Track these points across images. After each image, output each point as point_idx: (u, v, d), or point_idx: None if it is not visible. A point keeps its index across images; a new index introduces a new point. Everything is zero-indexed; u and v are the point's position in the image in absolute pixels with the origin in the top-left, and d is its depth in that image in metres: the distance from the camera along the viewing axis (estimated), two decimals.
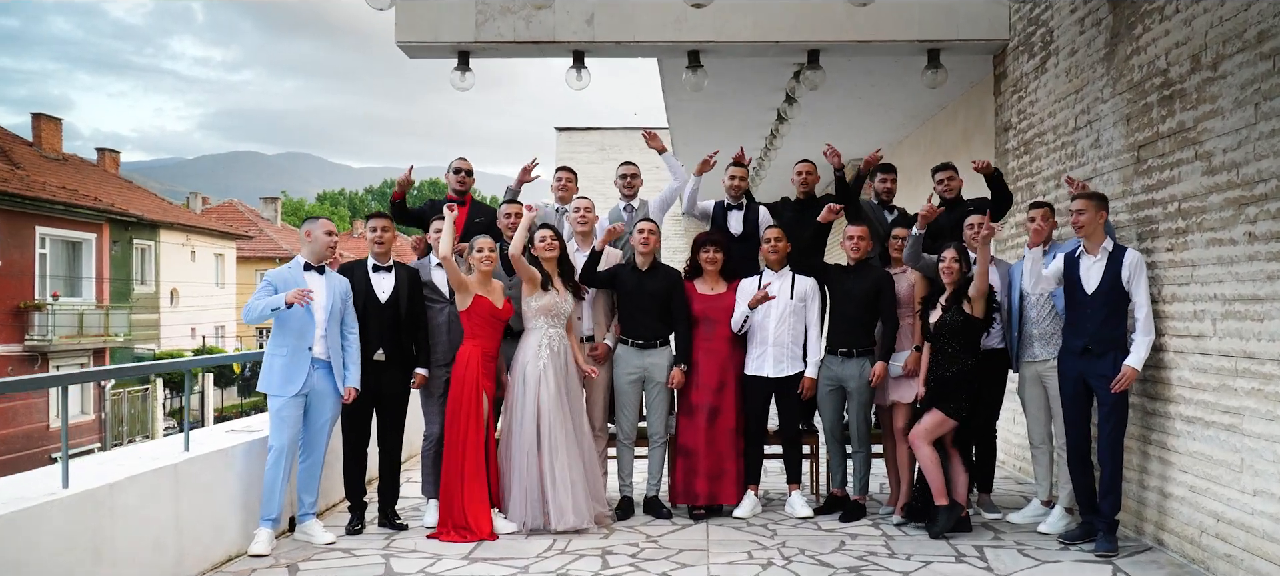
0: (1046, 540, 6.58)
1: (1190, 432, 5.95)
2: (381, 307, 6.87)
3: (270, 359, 6.50)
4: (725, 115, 12.88)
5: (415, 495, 7.76)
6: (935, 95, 11.54)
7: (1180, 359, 6.06)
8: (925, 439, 6.66)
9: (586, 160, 23.71)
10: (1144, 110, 6.50)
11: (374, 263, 6.95)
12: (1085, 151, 7.37)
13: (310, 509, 6.72)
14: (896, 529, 6.91)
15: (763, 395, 7.29)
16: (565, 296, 6.95)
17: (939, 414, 6.63)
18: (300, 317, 6.45)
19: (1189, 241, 5.95)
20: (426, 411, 7.20)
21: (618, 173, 8.07)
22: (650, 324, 7.24)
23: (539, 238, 6.97)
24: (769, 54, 9.55)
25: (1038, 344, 6.79)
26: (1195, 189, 5.89)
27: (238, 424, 7.63)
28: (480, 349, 6.76)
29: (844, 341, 7.17)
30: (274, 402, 6.44)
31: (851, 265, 7.24)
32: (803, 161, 7.91)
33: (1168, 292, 6.18)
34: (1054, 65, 8.01)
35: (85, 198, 31.97)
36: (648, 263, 7.30)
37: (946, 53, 9.34)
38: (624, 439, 7.39)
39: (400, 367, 6.96)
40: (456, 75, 9.49)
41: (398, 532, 6.95)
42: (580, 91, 9.55)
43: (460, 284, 6.74)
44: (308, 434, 6.61)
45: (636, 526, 7.06)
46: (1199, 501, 5.86)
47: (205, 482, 6.10)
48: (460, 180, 7.89)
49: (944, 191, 7.67)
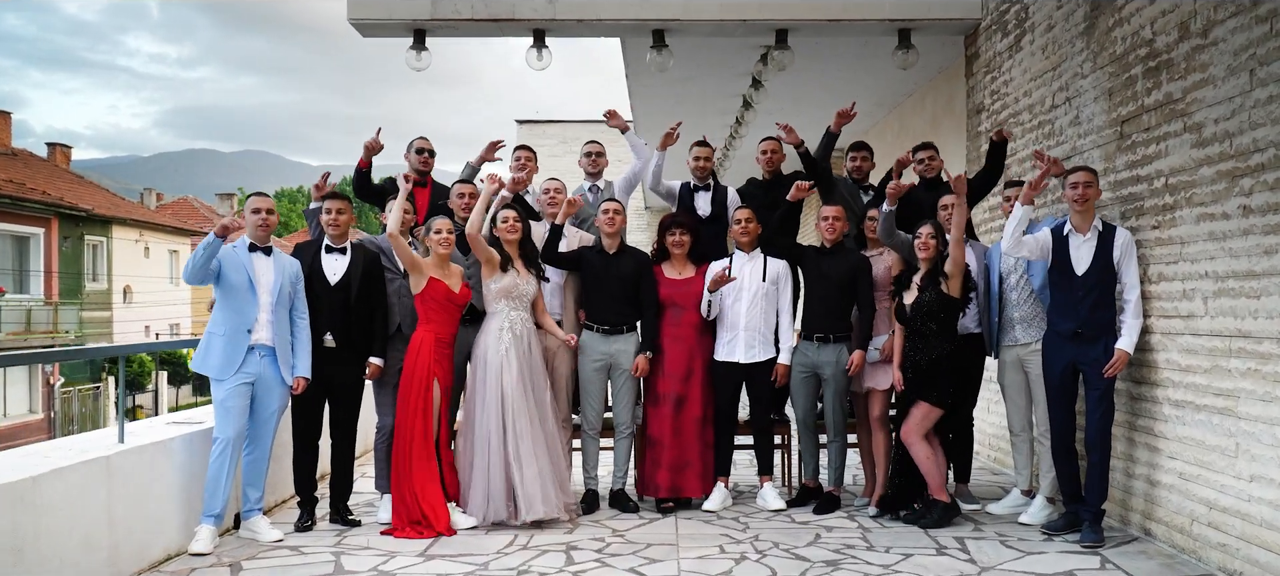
0: (1029, 531, 6.33)
1: (1179, 417, 5.71)
2: (331, 290, 6.50)
3: (210, 337, 6.14)
4: (691, 101, 12.58)
5: (370, 490, 7.38)
6: (903, 81, 11.33)
7: (1168, 340, 5.82)
8: (918, 434, 6.38)
9: (548, 153, 23.33)
10: (1127, 83, 6.26)
11: (327, 243, 6.58)
12: (1064, 129, 7.14)
13: (256, 504, 6.34)
14: (873, 521, 6.63)
15: (733, 382, 6.99)
16: (527, 277, 6.63)
17: (925, 405, 6.36)
18: (243, 295, 6.08)
19: (1177, 217, 5.71)
20: (379, 402, 6.84)
21: (582, 151, 7.75)
22: (616, 308, 6.93)
23: (501, 218, 6.63)
24: (736, 33, 9.26)
25: (1019, 327, 6.54)
26: (1184, 162, 5.65)
27: (181, 415, 7.23)
28: (433, 335, 6.42)
29: (819, 326, 6.87)
30: (218, 391, 6.07)
31: (827, 247, 6.95)
32: (767, 140, 7.59)
33: (1154, 272, 5.94)
34: (1030, 42, 7.77)
35: (32, 191, 31.24)
36: (614, 244, 6.98)
37: (917, 33, 9.08)
38: (589, 429, 7.07)
39: (354, 355, 6.60)
40: (412, 55, 9.11)
41: (350, 529, 6.59)
42: (541, 71, 9.18)
43: (412, 264, 6.40)
44: (253, 425, 6.23)
45: (602, 520, 6.75)
46: (1190, 488, 5.62)
47: (142, 476, 5.71)
48: (423, 160, 7.52)
49: (924, 171, 7.38)
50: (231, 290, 6.11)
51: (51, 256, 32.45)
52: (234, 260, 6.16)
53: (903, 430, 6.44)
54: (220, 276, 6.12)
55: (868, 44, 9.77)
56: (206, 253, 5.97)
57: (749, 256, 6.98)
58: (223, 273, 6.12)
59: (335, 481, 6.75)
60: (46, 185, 33.89)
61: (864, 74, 11.09)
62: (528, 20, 8.89)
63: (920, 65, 9.76)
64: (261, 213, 6.31)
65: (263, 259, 6.26)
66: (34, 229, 31.47)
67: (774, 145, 7.51)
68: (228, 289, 6.12)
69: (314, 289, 6.46)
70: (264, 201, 6.38)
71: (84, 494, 5.19)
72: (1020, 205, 6.14)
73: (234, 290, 6.11)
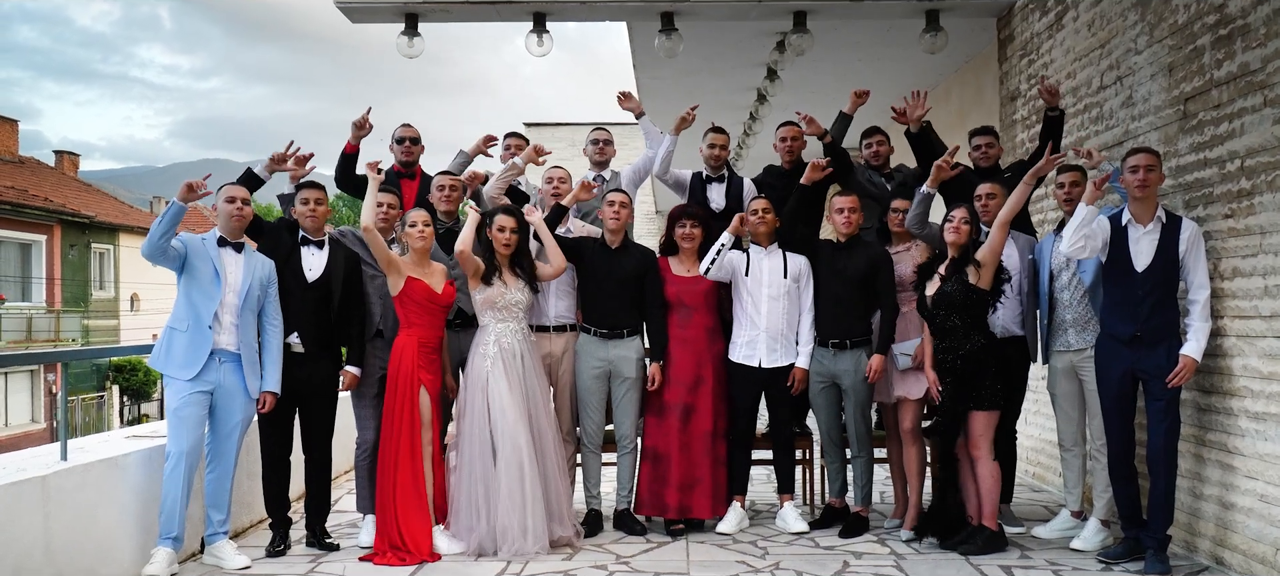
0: (1083, 558, 5.63)
1: (1259, 432, 5.02)
2: (307, 289, 5.86)
3: (170, 332, 5.53)
4: (702, 93, 11.88)
5: (353, 509, 6.72)
6: (927, 73, 10.66)
7: (1245, 344, 5.13)
8: (987, 447, 5.70)
9: (557, 157, 22.63)
10: (1192, 56, 5.59)
11: (303, 235, 5.95)
12: (1115, 112, 6.46)
13: (220, 528, 5.69)
14: (907, 546, 5.95)
15: (751, 389, 6.32)
16: (515, 287, 5.97)
17: (981, 414, 5.68)
18: (208, 291, 5.48)
19: (1257, 204, 5.03)
20: (359, 415, 6.21)
21: (588, 139, 7.13)
22: (618, 311, 6.27)
23: (498, 226, 5.98)
24: (751, 16, 8.62)
25: (1072, 330, 5.84)
26: (1264, 141, 4.97)
27: (143, 427, 6.61)
28: (416, 338, 5.80)
29: (836, 331, 6.20)
30: (172, 398, 5.44)
31: (842, 241, 6.28)
32: (786, 125, 6.89)
33: (1228, 266, 5.26)
34: (1073, 20, 7.10)
35: (35, 198, 30.81)
36: (618, 240, 6.34)
37: (946, 14, 8.43)
38: (589, 443, 6.41)
39: (328, 361, 5.97)
40: (403, 41, 8.49)
41: (327, 554, 5.96)
42: (542, 57, 8.58)
43: (388, 263, 5.77)
44: (215, 440, 5.60)
45: (605, 544, 6.09)
46: (1272, 513, 4.92)
47: (87, 497, 5.10)
48: (406, 150, 6.87)
49: (981, 159, 6.63)
50: (196, 283, 5.51)
51: (54, 263, 32.00)
52: (201, 250, 5.56)
53: (969, 445, 5.74)
54: (186, 264, 5.51)
55: (892, 29, 9.14)
56: (169, 220, 5.34)
57: (767, 252, 6.31)
58: (189, 261, 5.51)
59: (311, 500, 6.09)
60: (52, 193, 33.47)
61: (887, 63, 10.43)
62: (526, 2, 8.28)
63: (946, 55, 9.13)
64: (236, 203, 5.69)
65: (232, 255, 5.65)
66: (36, 236, 31.04)
67: (794, 131, 6.83)
68: (192, 281, 5.51)
69: (286, 285, 5.83)
70: (239, 191, 5.75)
71: (14, 518, 4.58)
72: (1085, 205, 5.40)
73: (198, 284, 5.50)
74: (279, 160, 6.14)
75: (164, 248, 5.39)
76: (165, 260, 5.46)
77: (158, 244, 5.36)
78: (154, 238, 5.34)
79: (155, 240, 5.35)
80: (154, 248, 5.38)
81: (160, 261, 5.47)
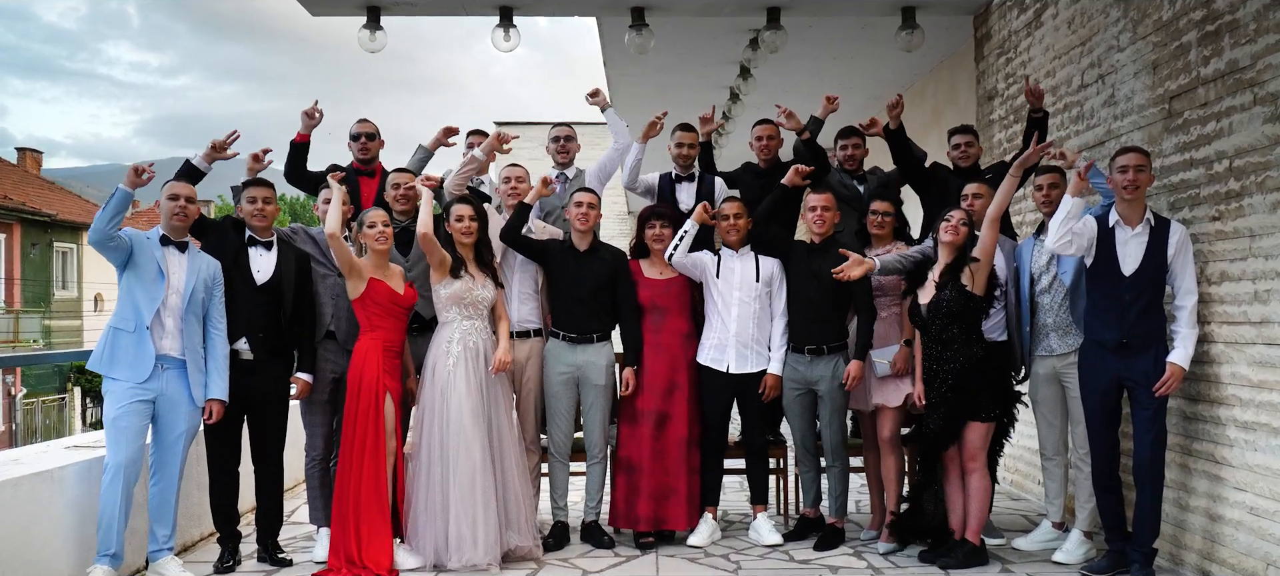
0: (1067, 571, 5.45)
1: (1249, 442, 4.84)
2: (256, 291, 5.58)
3: (113, 332, 5.26)
4: (673, 91, 11.67)
5: (308, 521, 6.42)
6: (901, 73, 10.50)
7: (1234, 351, 4.96)
8: (981, 459, 5.51)
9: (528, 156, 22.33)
10: (1177, 54, 5.41)
11: (251, 234, 5.67)
12: (1096, 112, 6.29)
13: (165, 544, 5.39)
14: (884, 559, 5.74)
15: (722, 396, 6.10)
16: (482, 282, 5.73)
17: (977, 425, 5.47)
18: (150, 290, 5.20)
19: (1246, 206, 4.85)
20: (308, 422, 5.93)
21: (549, 136, 6.86)
22: (586, 315, 6.02)
23: (456, 216, 5.74)
24: (724, 11, 8.40)
25: (1053, 335, 5.64)
26: (1254, 141, 4.79)
27: (85, 437, 6.31)
28: (380, 343, 5.54)
29: (811, 337, 5.98)
30: (111, 406, 5.15)
31: (817, 243, 6.07)
32: (762, 124, 6.66)
33: (1215, 270, 5.08)
34: (1052, 16, 6.92)
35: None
36: (586, 242, 6.09)
37: (923, 11, 8.25)
38: (557, 452, 6.16)
39: (279, 366, 5.69)
40: (365, 34, 8.22)
41: (279, 570, 5.68)
42: (508, 53, 8.34)
43: (350, 267, 5.50)
44: (158, 451, 5.31)
45: (571, 558, 5.85)
46: (1262, 526, 4.74)
47: (20, 512, 4.80)
48: (362, 147, 6.59)
49: (960, 158, 6.42)
50: (139, 280, 5.24)
51: (13, 262, 31.39)
52: (145, 248, 5.28)
53: (965, 460, 5.52)
54: (130, 259, 5.24)
55: (867, 26, 8.97)
56: (115, 205, 5.09)
57: (738, 254, 6.09)
58: (134, 257, 5.24)
59: (262, 514, 5.82)
60: (12, 190, 32.82)
61: (863, 61, 10.27)
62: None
63: (921, 54, 8.98)
64: (179, 200, 5.40)
65: (176, 255, 5.36)
66: None
67: (771, 130, 6.61)
68: (136, 277, 5.24)
69: (234, 288, 5.55)
70: (183, 188, 5.46)
71: None
72: (1070, 196, 5.21)
73: (141, 281, 5.23)
74: (219, 148, 5.83)
75: (111, 233, 5.12)
76: (111, 251, 5.19)
77: (103, 230, 5.10)
78: (100, 223, 5.08)
79: (102, 226, 5.09)
80: (101, 234, 5.12)
81: (106, 252, 5.20)
